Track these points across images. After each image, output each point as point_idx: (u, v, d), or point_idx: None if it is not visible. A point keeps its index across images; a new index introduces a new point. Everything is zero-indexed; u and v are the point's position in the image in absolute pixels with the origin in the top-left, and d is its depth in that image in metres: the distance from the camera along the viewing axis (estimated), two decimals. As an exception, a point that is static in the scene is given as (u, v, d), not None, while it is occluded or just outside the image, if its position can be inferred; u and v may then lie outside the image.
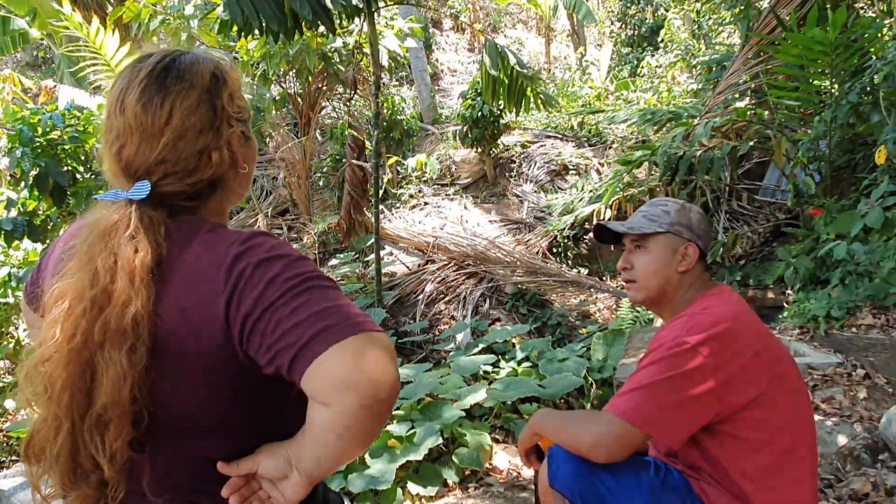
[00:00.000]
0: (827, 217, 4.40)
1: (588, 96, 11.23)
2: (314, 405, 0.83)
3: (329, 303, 0.84)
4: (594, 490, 1.47)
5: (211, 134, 0.94)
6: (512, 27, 18.41)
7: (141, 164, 0.92)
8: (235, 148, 0.99)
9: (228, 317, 0.84)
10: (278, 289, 0.83)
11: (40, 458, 0.89)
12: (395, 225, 8.51)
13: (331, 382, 0.79)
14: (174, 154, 0.92)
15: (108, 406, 0.83)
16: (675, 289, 1.59)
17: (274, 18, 4.34)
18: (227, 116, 0.96)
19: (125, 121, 0.92)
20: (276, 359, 0.82)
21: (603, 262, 7.49)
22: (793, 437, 1.45)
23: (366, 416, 0.80)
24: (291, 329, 0.81)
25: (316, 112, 9.20)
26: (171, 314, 0.86)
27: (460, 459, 3.17)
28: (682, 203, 1.66)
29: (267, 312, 0.82)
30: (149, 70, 0.94)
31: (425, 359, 5.80)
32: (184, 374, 0.87)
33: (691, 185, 6.18)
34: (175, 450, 0.92)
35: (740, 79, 5.94)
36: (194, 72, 0.95)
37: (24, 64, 15.68)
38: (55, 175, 4.53)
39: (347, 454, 0.85)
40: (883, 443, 2.59)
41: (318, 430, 0.84)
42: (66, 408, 0.85)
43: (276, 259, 0.86)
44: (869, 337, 3.66)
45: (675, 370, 1.38)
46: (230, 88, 0.98)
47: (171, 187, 0.93)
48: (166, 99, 0.92)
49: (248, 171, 1.05)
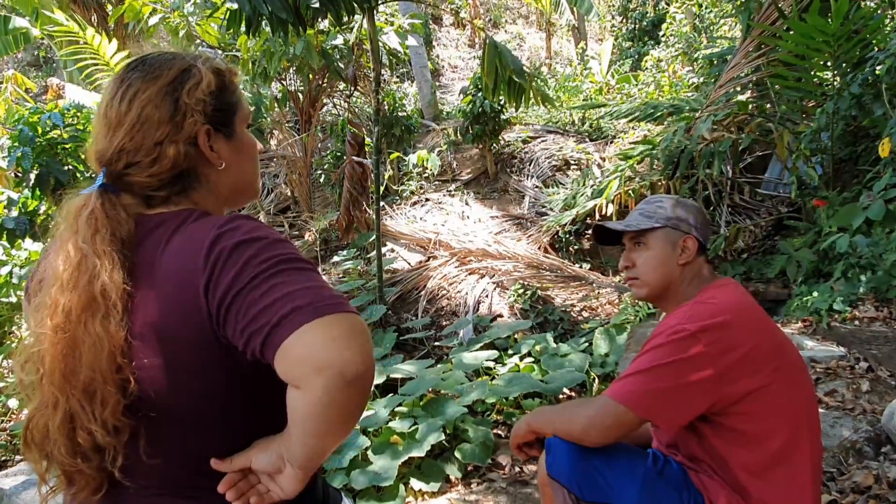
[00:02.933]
0: (829, 210, 4.38)
1: (589, 91, 11.20)
2: (290, 390, 0.84)
3: (301, 284, 0.83)
4: (591, 479, 1.48)
5: (169, 127, 0.96)
6: (512, 22, 18.38)
7: (104, 154, 0.97)
8: (202, 143, 0.99)
9: (207, 301, 0.85)
10: (252, 271, 0.84)
11: (40, 444, 0.90)
12: (397, 221, 8.51)
13: (300, 363, 0.79)
14: (132, 144, 0.95)
15: (91, 376, 0.86)
16: (677, 282, 1.60)
17: (282, 8, 4.32)
18: (190, 111, 0.97)
19: (98, 115, 0.99)
20: (249, 342, 0.82)
21: (604, 257, 7.48)
22: (795, 429, 1.44)
23: (340, 396, 0.79)
24: (263, 311, 0.81)
25: (317, 109, 9.20)
26: (160, 302, 0.87)
27: (463, 455, 3.18)
28: (677, 198, 1.68)
29: (240, 295, 0.83)
30: (123, 68, 1.01)
31: (427, 355, 5.80)
32: (180, 364, 0.88)
33: (693, 179, 6.16)
34: (173, 445, 0.92)
35: (741, 72, 5.92)
36: (160, 66, 0.98)
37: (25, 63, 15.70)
38: (57, 174, 4.54)
39: (330, 438, 0.86)
40: (885, 436, 2.58)
41: (298, 417, 0.84)
42: (58, 385, 0.87)
43: (252, 241, 0.87)
44: (872, 330, 3.65)
45: (675, 356, 1.38)
46: (202, 85, 0.98)
47: (134, 178, 0.96)
48: (128, 91, 0.96)
49: (236, 169, 1.04)
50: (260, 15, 4.32)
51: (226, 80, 1.04)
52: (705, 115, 5.57)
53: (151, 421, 0.89)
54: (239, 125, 1.05)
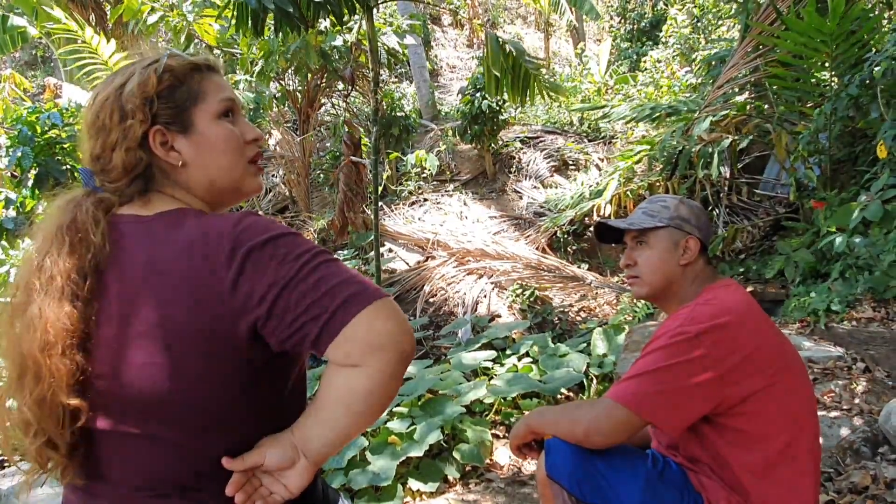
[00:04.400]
0: (827, 210, 4.39)
1: (588, 91, 11.20)
2: (342, 372, 0.88)
3: (344, 275, 0.89)
4: (591, 480, 1.48)
5: (118, 131, 0.98)
6: (510, 22, 18.38)
7: (86, 158, 1.02)
8: (152, 144, 0.99)
9: (235, 298, 0.87)
10: (293, 266, 0.88)
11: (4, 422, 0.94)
12: (395, 221, 8.51)
13: (364, 344, 0.86)
14: (98, 149, 1.00)
15: (27, 353, 0.88)
16: (678, 282, 1.60)
17: (288, 1, 4.30)
18: (131, 113, 0.98)
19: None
20: (299, 331, 0.87)
21: (603, 258, 7.49)
22: (796, 430, 1.44)
23: (398, 372, 0.88)
24: (318, 301, 0.86)
25: (315, 109, 9.20)
26: (161, 302, 0.87)
27: (461, 455, 3.18)
28: (680, 198, 1.67)
29: (287, 289, 0.87)
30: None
31: (426, 355, 5.80)
32: (183, 363, 0.88)
33: (691, 179, 6.17)
34: (173, 445, 0.92)
35: (740, 73, 5.93)
36: (118, 73, 1.02)
37: (22, 63, 15.68)
38: (55, 173, 4.53)
39: (362, 423, 0.91)
40: (883, 436, 2.58)
41: (341, 398, 0.89)
42: (11, 362, 0.91)
43: (278, 237, 0.90)
44: (869, 330, 3.66)
45: (677, 358, 1.38)
46: (142, 86, 0.99)
47: (105, 180, 1.00)
48: (95, 98, 1.01)
49: (202, 164, 1.01)
50: (266, 9, 4.30)
51: (177, 74, 1.01)
52: (703, 115, 5.58)
53: (147, 420, 0.89)
54: (200, 119, 1.01)
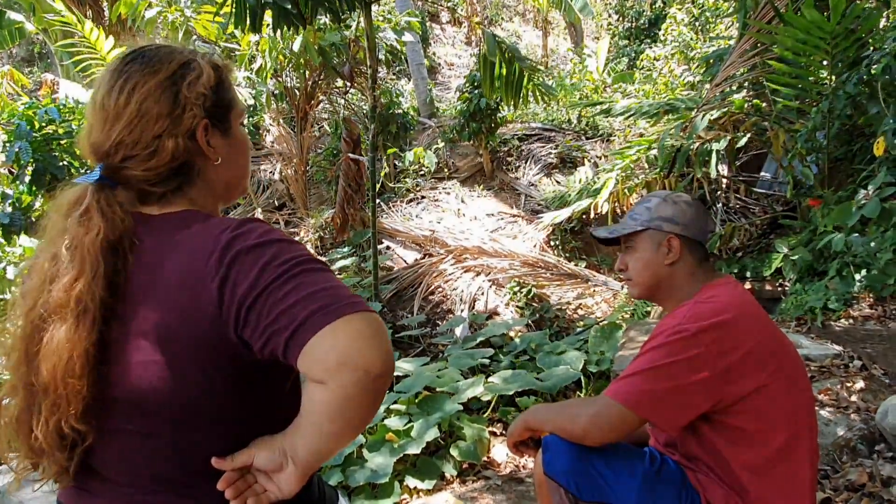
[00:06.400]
0: (824, 208, 4.39)
1: (586, 88, 11.20)
2: (310, 387, 0.85)
3: (322, 285, 0.85)
4: (588, 478, 1.48)
5: (168, 121, 0.96)
6: (509, 20, 18.36)
7: (101, 147, 0.96)
8: (200, 138, 0.99)
9: (222, 302, 0.85)
10: (272, 273, 0.85)
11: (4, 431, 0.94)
12: (393, 219, 8.50)
13: (326, 360, 0.81)
14: (130, 137, 0.94)
15: (47, 380, 0.87)
16: (669, 281, 1.60)
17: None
18: (189, 105, 0.97)
19: (93, 107, 0.98)
20: (270, 341, 0.84)
21: (600, 255, 7.49)
22: (795, 427, 1.44)
23: (362, 392, 0.82)
24: (286, 311, 0.83)
25: (313, 106, 9.18)
26: (162, 302, 0.87)
27: (458, 453, 3.18)
28: (666, 195, 1.65)
29: (262, 296, 0.84)
30: (119, 59, 1.00)
31: (423, 352, 5.80)
32: (179, 363, 0.88)
33: (689, 177, 6.17)
34: (167, 443, 0.92)
35: (737, 70, 5.93)
36: (160, 60, 0.98)
37: (19, 59, 15.62)
38: (53, 169, 4.52)
39: (342, 438, 0.87)
40: (879, 433, 2.59)
41: (314, 412, 0.85)
42: (20, 377, 0.90)
43: (269, 243, 0.88)
44: (866, 328, 3.66)
45: (675, 356, 1.38)
46: (202, 80, 0.99)
47: (131, 171, 0.96)
48: (126, 84, 0.95)
49: (230, 165, 1.05)
50: (264, 6, 4.29)
51: (223, 75, 1.04)
52: (701, 113, 5.58)
53: (144, 419, 0.89)
54: (234, 121, 1.05)
